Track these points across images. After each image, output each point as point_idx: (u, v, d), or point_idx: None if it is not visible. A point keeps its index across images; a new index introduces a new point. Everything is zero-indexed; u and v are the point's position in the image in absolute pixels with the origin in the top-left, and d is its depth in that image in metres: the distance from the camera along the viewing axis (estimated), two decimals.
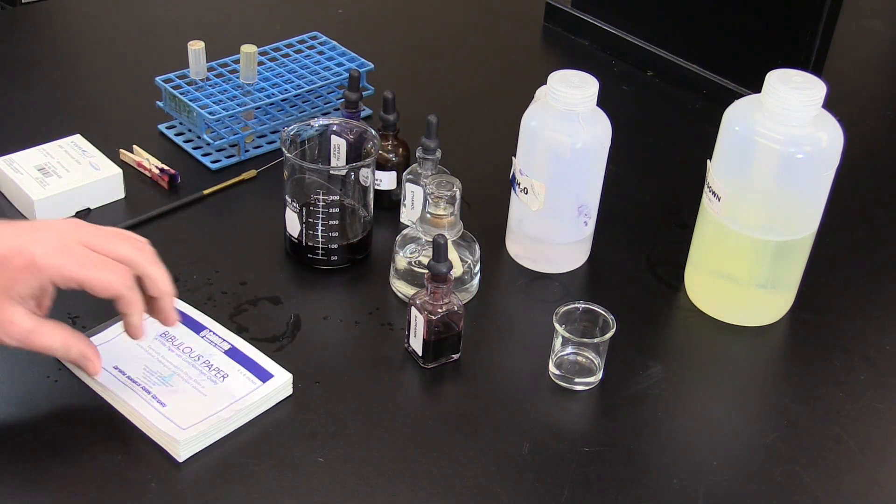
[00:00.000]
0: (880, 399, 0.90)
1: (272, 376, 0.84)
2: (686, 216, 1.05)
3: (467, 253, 0.95)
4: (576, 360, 0.89)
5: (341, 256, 0.98)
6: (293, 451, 0.80)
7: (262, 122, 1.15)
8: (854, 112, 1.33)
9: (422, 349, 0.88)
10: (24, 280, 0.74)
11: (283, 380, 0.84)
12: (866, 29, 1.62)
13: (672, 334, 0.98)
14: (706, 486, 0.80)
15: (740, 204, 0.91)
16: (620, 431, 0.85)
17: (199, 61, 1.15)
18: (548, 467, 0.80)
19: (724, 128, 0.91)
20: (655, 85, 1.37)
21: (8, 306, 0.74)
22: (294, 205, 0.96)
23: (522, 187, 0.97)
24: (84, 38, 1.41)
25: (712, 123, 0.93)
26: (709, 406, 0.90)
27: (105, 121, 1.19)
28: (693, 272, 0.99)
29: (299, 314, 0.93)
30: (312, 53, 1.24)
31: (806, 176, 0.89)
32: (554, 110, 0.93)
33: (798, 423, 0.87)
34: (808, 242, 0.94)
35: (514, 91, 1.26)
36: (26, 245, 0.74)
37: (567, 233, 0.99)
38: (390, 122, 1.04)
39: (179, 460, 0.78)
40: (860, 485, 0.82)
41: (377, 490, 0.77)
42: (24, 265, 0.74)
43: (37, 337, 0.76)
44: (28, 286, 0.74)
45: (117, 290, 0.76)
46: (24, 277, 0.74)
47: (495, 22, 1.53)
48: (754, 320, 0.97)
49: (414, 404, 0.87)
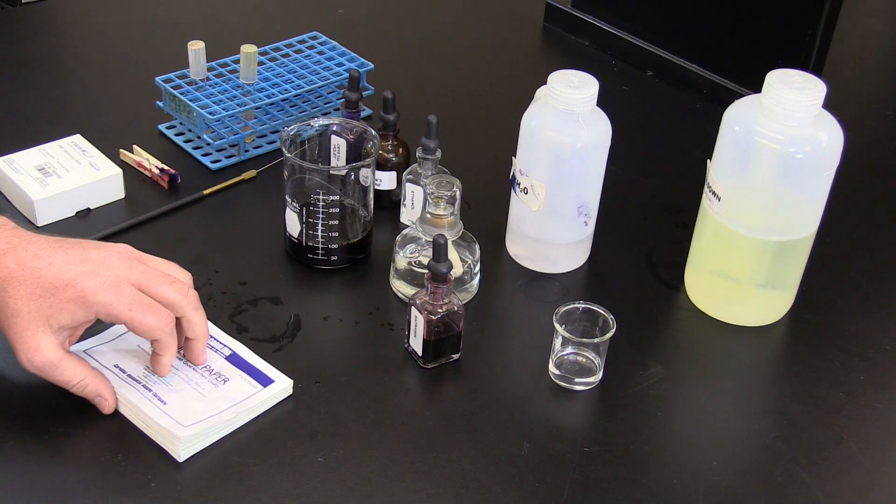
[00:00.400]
0: (880, 399, 0.90)
1: (273, 381, 0.84)
2: (686, 216, 1.05)
3: (467, 253, 0.95)
4: (576, 360, 0.89)
5: (341, 256, 0.98)
6: (293, 451, 0.80)
7: (262, 122, 1.15)
8: (854, 112, 1.34)
9: (422, 349, 0.88)
10: (70, 311, 0.75)
11: (284, 385, 0.84)
12: (866, 29, 1.62)
13: (672, 334, 0.98)
14: (706, 486, 0.80)
15: (740, 204, 0.91)
16: (620, 431, 0.85)
17: (199, 61, 1.15)
18: (548, 467, 0.80)
19: (724, 128, 0.91)
20: (655, 85, 1.37)
21: (41, 333, 0.75)
22: (294, 205, 0.96)
23: (522, 187, 0.97)
24: (84, 38, 1.41)
25: (712, 123, 0.93)
26: (709, 406, 0.90)
27: (105, 121, 1.19)
28: (693, 272, 0.99)
29: (299, 314, 0.93)
30: (312, 53, 1.24)
31: (806, 176, 0.89)
32: (554, 110, 0.93)
33: (798, 423, 0.87)
34: (808, 242, 0.94)
35: (514, 91, 1.26)
36: (78, 279, 0.75)
37: (567, 233, 0.99)
38: (390, 122, 1.04)
39: (179, 460, 0.78)
40: (860, 485, 0.82)
41: (377, 490, 0.77)
42: (73, 297, 0.75)
43: (59, 371, 0.77)
44: (72, 317, 0.76)
45: (158, 335, 0.79)
46: (70, 308, 0.75)
47: (495, 22, 1.53)
48: (754, 320, 0.97)
49: (414, 404, 0.87)
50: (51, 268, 0.75)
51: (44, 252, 0.76)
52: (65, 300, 0.75)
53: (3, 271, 0.75)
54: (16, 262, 0.75)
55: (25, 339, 0.75)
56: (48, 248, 0.77)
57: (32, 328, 0.75)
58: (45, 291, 0.75)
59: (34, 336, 0.75)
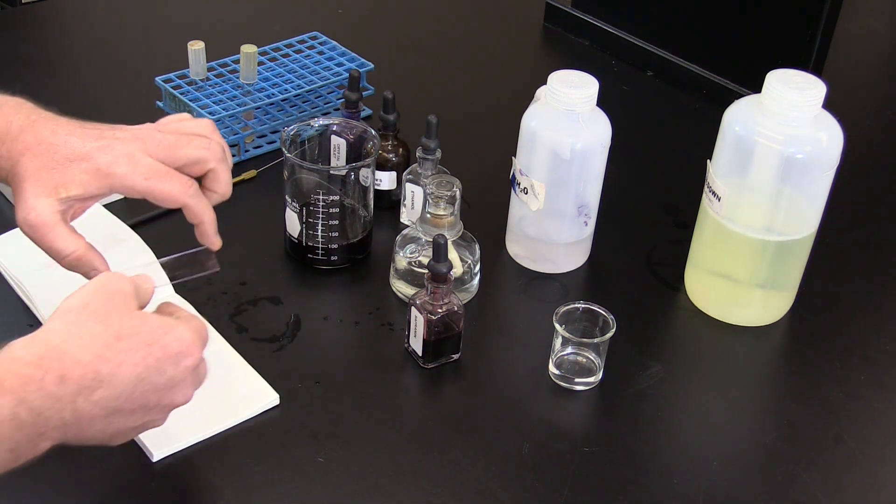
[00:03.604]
0: (880, 399, 0.90)
1: (258, 394, 0.83)
2: (686, 216, 1.05)
3: (467, 253, 0.95)
4: (576, 360, 0.89)
5: (341, 256, 0.98)
6: (293, 451, 0.80)
7: (262, 122, 1.15)
8: (854, 112, 1.33)
9: (422, 349, 0.88)
10: (82, 183, 0.74)
11: (268, 399, 0.83)
12: (866, 29, 1.62)
13: (672, 334, 0.98)
14: (706, 486, 0.80)
15: (740, 204, 0.91)
16: (620, 431, 0.85)
17: (199, 61, 1.15)
18: (548, 467, 0.80)
19: (724, 128, 0.91)
20: (655, 85, 1.37)
21: (43, 197, 0.73)
22: (294, 205, 0.96)
23: (522, 187, 0.97)
24: (84, 38, 1.41)
25: (712, 123, 0.93)
26: (709, 406, 0.90)
27: (105, 120, 1.16)
28: (693, 272, 0.99)
29: (299, 314, 0.93)
30: (312, 53, 1.24)
31: (806, 176, 0.89)
32: (554, 110, 0.93)
33: (798, 423, 0.87)
34: (808, 242, 0.94)
35: (514, 91, 1.26)
36: (93, 153, 0.75)
37: (567, 233, 0.99)
38: (390, 122, 1.04)
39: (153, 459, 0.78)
40: (860, 485, 0.82)
41: (377, 490, 0.77)
42: (87, 170, 0.74)
43: (53, 236, 0.74)
44: (84, 189, 0.74)
45: (181, 200, 0.77)
46: (84, 180, 0.74)
47: (495, 22, 1.53)
48: (754, 320, 0.97)
49: (414, 404, 0.87)
50: (67, 144, 0.75)
51: (61, 129, 0.76)
52: (78, 172, 0.74)
53: (20, 145, 0.74)
54: (33, 137, 0.75)
55: (26, 199, 0.73)
56: (67, 126, 0.76)
57: (36, 192, 0.73)
58: (58, 164, 0.74)
59: (36, 198, 0.73)
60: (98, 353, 0.64)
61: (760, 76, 0.88)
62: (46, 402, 0.61)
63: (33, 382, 0.60)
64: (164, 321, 0.68)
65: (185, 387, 0.69)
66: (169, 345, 0.67)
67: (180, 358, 0.67)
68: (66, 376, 0.62)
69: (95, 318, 0.65)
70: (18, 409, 0.59)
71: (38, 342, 0.63)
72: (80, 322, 0.65)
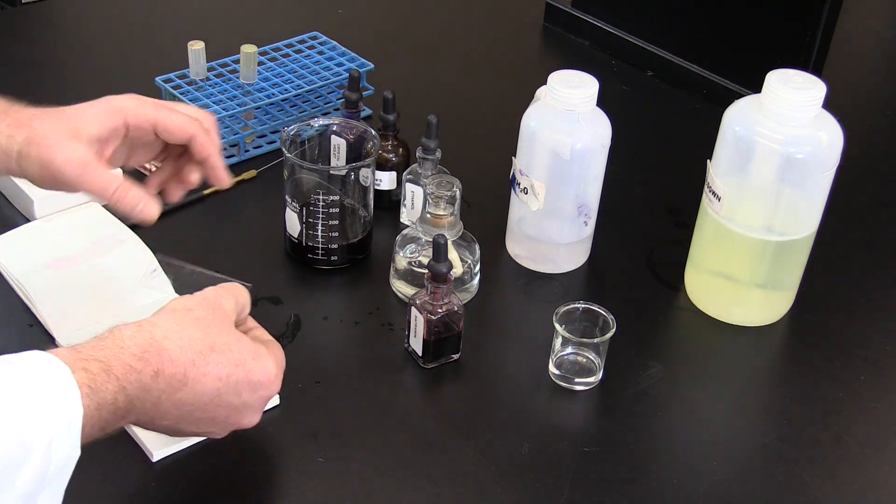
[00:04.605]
0: (880, 399, 0.90)
1: None
2: (686, 216, 1.05)
3: (467, 253, 0.95)
4: (576, 360, 0.89)
5: (341, 256, 0.98)
6: (293, 451, 0.80)
7: (262, 122, 1.15)
8: (854, 112, 1.33)
9: (422, 349, 0.88)
10: (97, 119, 0.77)
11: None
12: (866, 29, 1.62)
13: (672, 334, 0.98)
14: (706, 486, 0.80)
15: (740, 204, 0.91)
16: (620, 431, 0.85)
17: (199, 61, 1.15)
18: (548, 467, 0.80)
19: (724, 128, 0.91)
20: (655, 85, 1.37)
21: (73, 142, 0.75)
22: (294, 205, 0.96)
23: (522, 187, 0.97)
24: (84, 38, 1.41)
25: (712, 123, 0.93)
26: (709, 406, 0.90)
27: None
28: (693, 272, 0.99)
29: (299, 314, 0.93)
30: (312, 53, 1.24)
31: (806, 176, 0.89)
32: (554, 110, 0.93)
33: (798, 423, 0.87)
34: (808, 242, 0.94)
35: (514, 91, 1.25)
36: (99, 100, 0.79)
37: (567, 233, 0.99)
38: (390, 122, 1.04)
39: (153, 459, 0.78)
40: (860, 485, 0.82)
41: (377, 490, 0.77)
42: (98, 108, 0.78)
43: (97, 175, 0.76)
44: (100, 124, 0.77)
45: (188, 129, 0.80)
46: (98, 117, 0.77)
47: (495, 22, 1.53)
48: (754, 320, 0.97)
49: (414, 404, 0.87)
50: (72, 107, 0.78)
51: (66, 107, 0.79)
52: (92, 114, 0.77)
53: (26, 114, 0.76)
54: (36, 109, 0.77)
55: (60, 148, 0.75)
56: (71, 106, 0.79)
57: (63, 141, 0.75)
58: (70, 115, 0.77)
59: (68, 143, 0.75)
60: (191, 357, 0.68)
61: (760, 76, 0.88)
62: (140, 392, 0.65)
63: (134, 373, 0.65)
64: (255, 348, 0.72)
65: (254, 413, 0.74)
66: (253, 371, 0.71)
67: (259, 387, 0.72)
68: (161, 372, 0.66)
69: (197, 324, 0.70)
70: (118, 395, 0.64)
71: (144, 333, 0.67)
72: (183, 323, 0.69)
